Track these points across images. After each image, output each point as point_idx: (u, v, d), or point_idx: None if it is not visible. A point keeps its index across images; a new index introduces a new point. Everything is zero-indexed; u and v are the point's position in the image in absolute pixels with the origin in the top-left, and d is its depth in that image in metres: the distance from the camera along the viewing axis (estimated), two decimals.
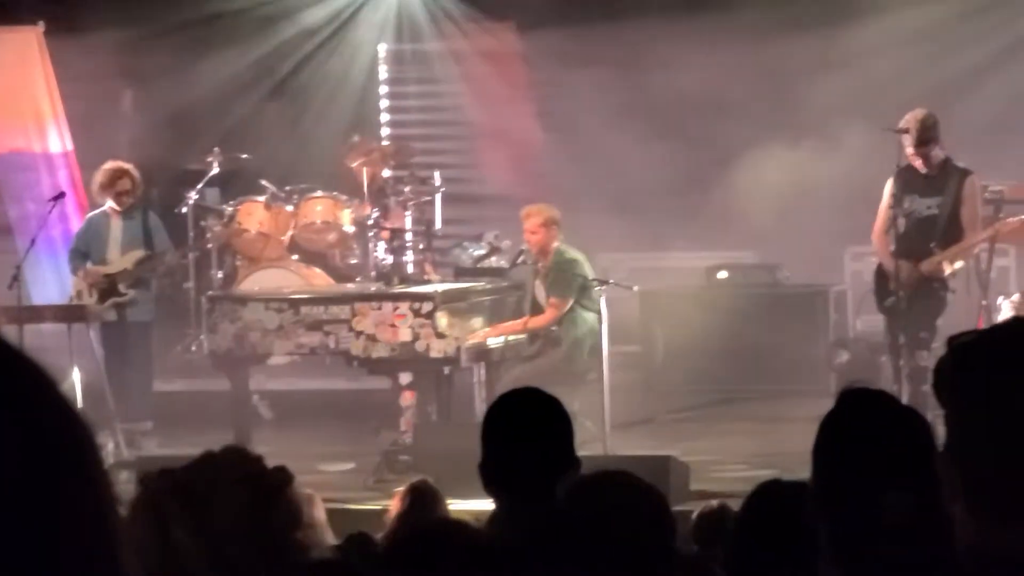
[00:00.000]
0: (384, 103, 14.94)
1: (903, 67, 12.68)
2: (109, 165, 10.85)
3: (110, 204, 10.69)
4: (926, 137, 9.15)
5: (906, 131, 9.13)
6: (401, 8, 14.66)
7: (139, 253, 10.61)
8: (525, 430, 3.77)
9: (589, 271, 9.94)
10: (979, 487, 1.82)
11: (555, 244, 9.88)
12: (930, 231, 9.27)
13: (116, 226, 10.71)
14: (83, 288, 10.65)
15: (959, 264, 9.42)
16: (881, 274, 9.55)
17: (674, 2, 13.11)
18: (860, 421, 2.65)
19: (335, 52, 14.50)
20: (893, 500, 2.51)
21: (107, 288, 10.57)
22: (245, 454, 3.24)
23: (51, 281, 12.71)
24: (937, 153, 9.27)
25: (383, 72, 14.97)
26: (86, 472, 1.05)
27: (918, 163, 9.24)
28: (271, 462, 3.19)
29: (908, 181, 9.22)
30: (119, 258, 10.65)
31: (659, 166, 12.93)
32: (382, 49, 14.94)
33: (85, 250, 10.78)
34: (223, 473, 3.12)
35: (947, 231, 9.27)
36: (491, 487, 3.77)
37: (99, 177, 10.74)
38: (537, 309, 9.92)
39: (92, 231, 10.81)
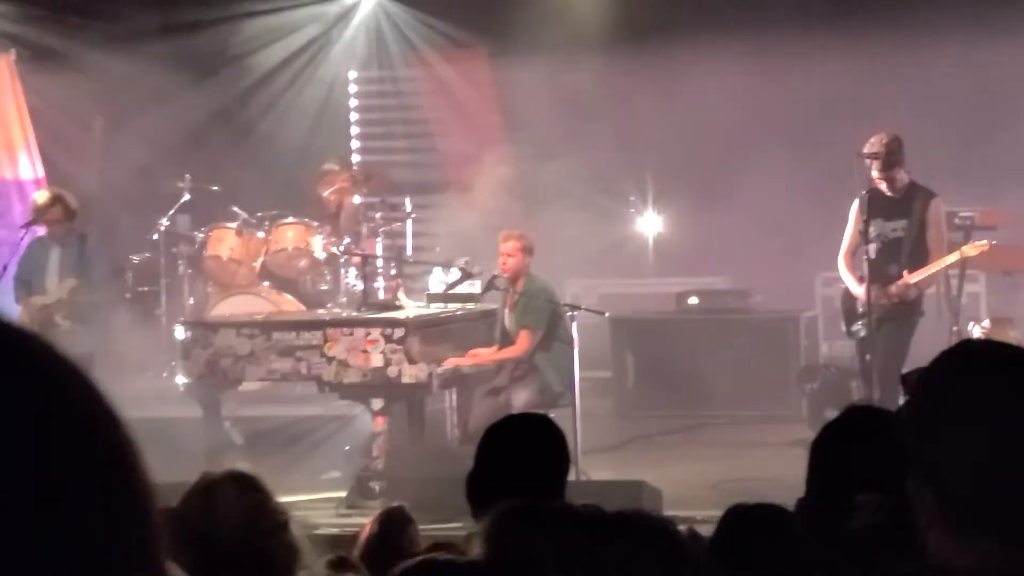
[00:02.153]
0: (355, 130, 14.95)
1: (870, 90, 12.79)
2: (40, 195, 10.83)
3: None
4: (891, 160, 9.20)
5: (874, 155, 9.18)
6: (372, 35, 14.69)
7: (73, 282, 10.51)
8: (525, 452, 3.86)
9: (557, 302, 9.92)
10: (953, 511, 1.85)
11: (527, 272, 9.88)
12: (896, 254, 9.31)
13: (54, 254, 10.61)
14: (25, 321, 10.59)
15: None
16: (848, 299, 9.58)
17: (647, 25, 13.18)
18: (853, 429, 2.74)
19: (306, 78, 14.52)
20: (867, 501, 2.57)
21: (45, 320, 10.48)
22: (246, 484, 3.17)
23: None
24: (902, 176, 9.31)
25: (353, 99, 14.99)
26: (132, 474, 1.08)
27: (884, 186, 9.28)
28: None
29: (874, 205, 9.24)
30: (56, 287, 10.55)
31: (631, 192, 12.99)
32: (352, 75, 14.97)
33: (27, 277, 10.70)
34: (221, 510, 3.06)
35: (913, 254, 9.30)
36: (476, 502, 3.83)
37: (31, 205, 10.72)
38: (506, 335, 9.91)
39: (32, 259, 10.71)
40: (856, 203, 9.34)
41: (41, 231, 10.77)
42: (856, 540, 2.60)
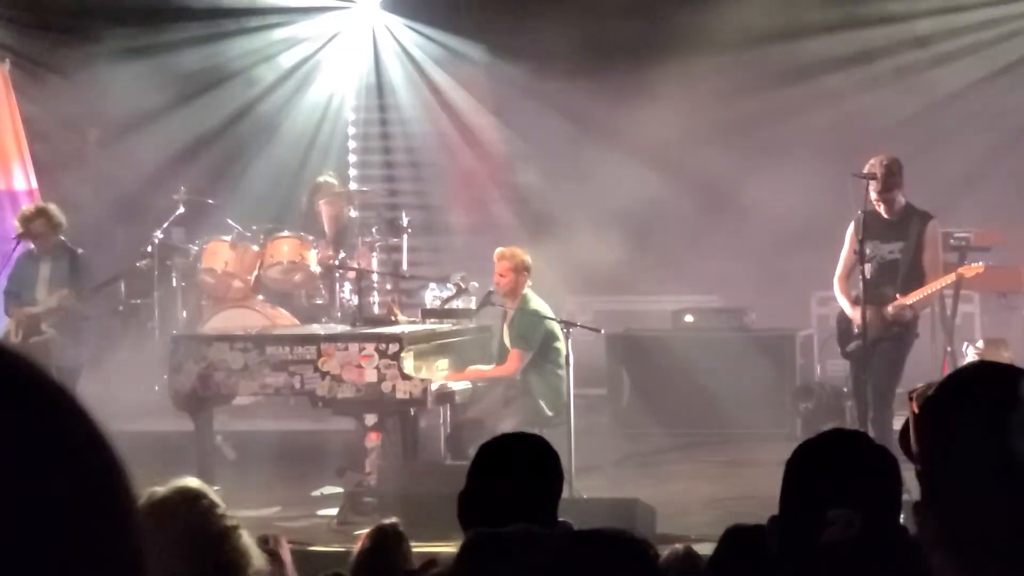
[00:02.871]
0: (352, 144, 14.93)
1: (872, 110, 12.80)
2: (25, 208, 10.82)
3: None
4: (890, 183, 9.17)
5: (872, 176, 9.16)
6: (371, 49, 14.68)
7: (64, 291, 10.51)
8: (518, 471, 3.84)
9: (554, 320, 9.83)
10: (959, 537, 1.83)
11: (524, 290, 9.83)
12: (892, 276, 9.28)
13: (44, 268, 10.63)
14: (11, 328, 10.60)
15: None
16: (844, 319, 9.55)
17: (645, 45, 13.18)
18: (828, 449, 2.82)
19: (304, 93, 14.50)
20: (837, 516, 2.61)
21: (31, 328, 10.51)
22: (192, 497, 3.20)
23: None
24: (900, 199, 9.30)
25: (351, 113, 14.97)
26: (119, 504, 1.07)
27: (881, 208, 9.26)
28: (235, 503, 3.16)
29: (870, 226, 9.21)
30: (47, 298, 10.57)
31: (627, 209, 12.97)
32: (351, 90, 14.94)
33: (17, 291, 10.69)
34: (166, 522, 3.08)
35: (909, 276, 9.28)
36: (468, 521, 3.80)
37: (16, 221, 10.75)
38: (504, 352, 9.87)
39: (22, 273, 10.72)
40: (852, 224, 9.32)
41: (31, 245, 10.76)
42: (826, 555, 2.64)
